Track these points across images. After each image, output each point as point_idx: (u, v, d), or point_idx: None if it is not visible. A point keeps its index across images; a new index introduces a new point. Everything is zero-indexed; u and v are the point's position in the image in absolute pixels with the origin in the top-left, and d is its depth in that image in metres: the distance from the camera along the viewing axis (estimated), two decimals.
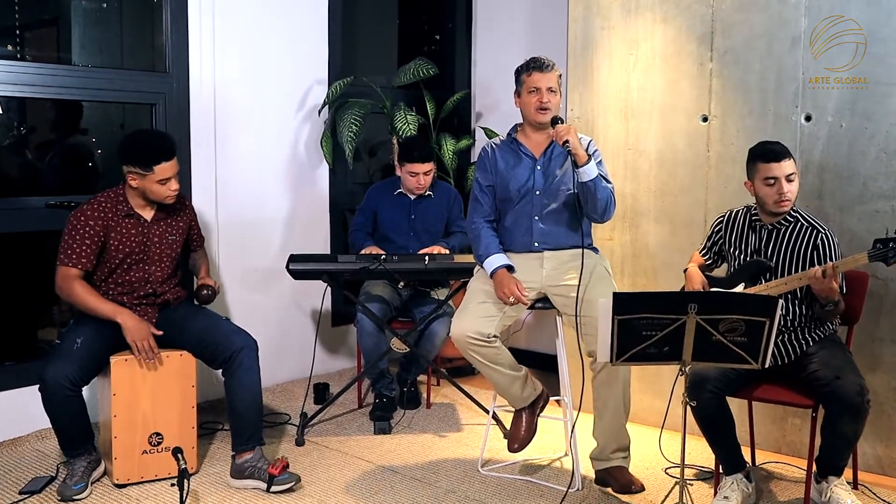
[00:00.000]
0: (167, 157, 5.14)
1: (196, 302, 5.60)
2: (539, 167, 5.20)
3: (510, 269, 5.12)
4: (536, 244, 5.19)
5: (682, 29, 5.98)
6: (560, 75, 5.17)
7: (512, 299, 5.01)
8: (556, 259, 5.18)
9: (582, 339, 5.01)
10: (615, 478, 5.10)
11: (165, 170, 5.13)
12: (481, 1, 8.47)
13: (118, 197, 5.25)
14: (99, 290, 5.25)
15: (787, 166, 4.76)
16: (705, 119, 5.92)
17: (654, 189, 6.19)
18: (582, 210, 5.09)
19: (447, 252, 6.32)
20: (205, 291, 5.57)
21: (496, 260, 5.14)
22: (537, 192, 5.19)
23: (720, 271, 5.26)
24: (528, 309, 5.26)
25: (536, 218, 5.20)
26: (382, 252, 6.24)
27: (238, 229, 6.90)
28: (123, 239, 5.23)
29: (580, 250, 5.08)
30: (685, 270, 5.26)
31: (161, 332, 5.26)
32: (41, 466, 5.49)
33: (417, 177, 6.49)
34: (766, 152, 4.83)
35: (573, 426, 5.19)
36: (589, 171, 4.91)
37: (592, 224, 5.30)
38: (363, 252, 6.34)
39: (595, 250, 5.34)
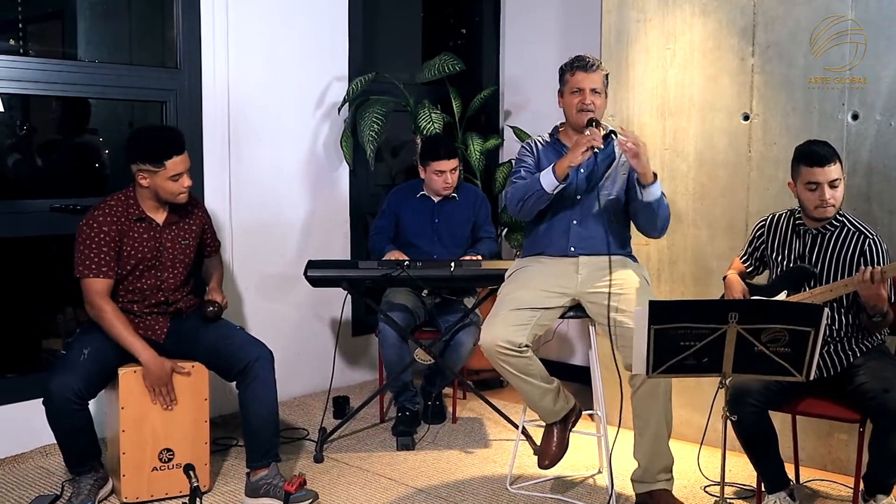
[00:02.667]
0: (178, 150, 5.14)
1: (201, 318, 5.51)
2: (581, 169, 5.20)
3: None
4: (573, 248, 5.20)
5: (723, 22, 5.99)
6: (607, 75, 5.19)
7: (597, 143, 4.91)
8: (592, 265, 5.18)
9: (617, 350, 5.01)
10: (658, 501, 5.08)
11: (177, 164, 5.13)
12: None
13: (128, 199, 5.24)
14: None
15: (831, 172, 4.74)
16: (746, 117, 5.93)
17: (692, 191, 6.21)
18: (629, 221, 5.15)
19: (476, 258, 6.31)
20: (210, 308, 5.46)
21: (546, 171, 5.09)
22: (578, 196, 5.21)
23: (761, 278, 5.27)
24: (560, 318, 5.28)
25: (575, 222, 5.21)
26: (405, 257, 6.26)
27: (253, 234, 6.93)
28: (136, 244, 5.22)
29: (619, 257, 5.12)
30: (724, 278, 5.26)
31: (187, 371, 5.26)
32: (45, 484, 5.50)
33: (444, 175, 6.50)
34: (810, 155, 4.80)
35: (614, 441, 5.18)
36: (654, 192, 4.96)
37: (631, 229, 5.34)
38: (385, 257, 6.34)
39: (633, 259, 5.37)
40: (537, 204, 5.10)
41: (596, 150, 4.91)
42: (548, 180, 5.00)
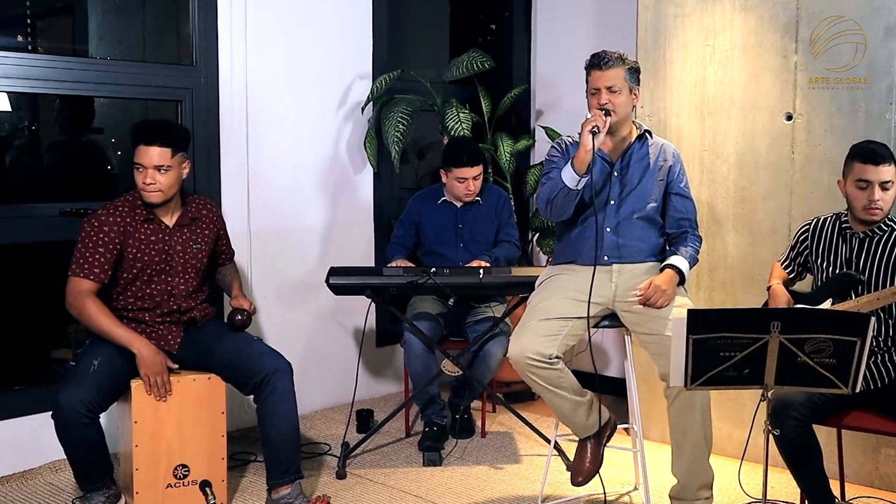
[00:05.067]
0: (146, 139, 5.13)
1: (230, 328, 5.53)
2: (616, 173, 5.21)
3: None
4: (606, 257, 5.17)
5: (765, 17, 6.01)
6: (630, 69, 5.10)
7: (595, 122, 4.91)
8: (627, 273, 5.17)
9: (653, 358, 5.04)
10: None
11: (140, 153, 5.12)
12: None
13: (136, 200, 5.26)
14: (117, 304, 5.26)
15: (884, 172, 4.74)
16: (790, 117, 5.94)
17: (732, 195, 6.22)
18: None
19: (488, 265, 6.28)
20: (239, 317, 5.49)
21: (566, 166, 5.06)
22: (612, 202, 5.20)
23: (804, 285, 5.27)
24: (594, 327, 5.27)
25: (608, 229, 5.19)
26: (410, 265, 6.29)
27: (272, 239, 6.96)
28: (142, 246, 5.23)
29: (657, 264, 5.15)
30: (769, 288, 5.25)
31: (177, 366, 5.25)
32: (54, 502, 5.53)
33: (466, 182, 6.50)
34: (865, 152, 4.80)
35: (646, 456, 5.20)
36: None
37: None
38: (389, 265, 6.36)
39: None
40: (565, 202, 5.06)
41: (595, 129, 4.87)
42: (568, 175, 4.97)
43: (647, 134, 5.24)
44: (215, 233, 5.60)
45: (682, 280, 5.07)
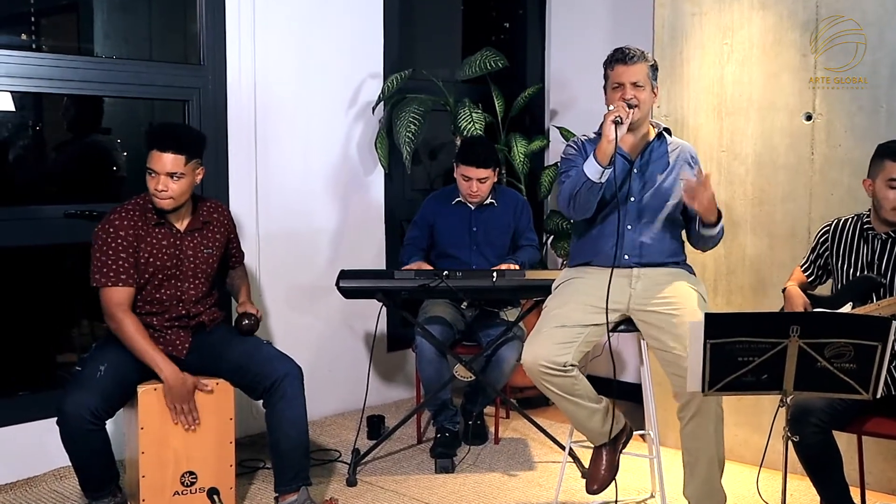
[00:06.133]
0: (160, 145, 5.10)
1: (238, 332, 5.54)
2: (636, 170, 5.19)
3: None
4: (627, 257, 5.14)
5: (783, 15, 6.01)
6: (652, 66, 5.12)
7: (618, 112, 4.89)
8: (648, 278, 5.15)
9: (667, 376, 5.03)
10: None
11: (152, 159, 5.09)
12: None
13: (147, 203, 5.25)
14: None
15: None
16: (809, 117, 5.94)
17: (751, 196, 6.22)
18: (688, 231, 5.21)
19: (517, 268, 6.29)
20: (246, 322, 5.51)
21: (588, 159, 5.01)
22: (632, 199, 5.18)
23: (824, 288, 5.27)
24: (612, 332, 5.26)
25: (629, 228, 5.16)
26: (429, 267, 6.29)
27: (282, 242, 6.97)
28: (154, 251, 5.22)
29: (675, 269, 5.14)
30: (784, 290, 5.26)
31: (209, 388, 5.26)
32: None
33: (470, 182, 6.49)
34: None
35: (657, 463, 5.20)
36: (715, 230, 5.05)
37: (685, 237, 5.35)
38: (406, 268, 6.37)
39: (690, 269, 5.32)
40: (588, 197, 5.00)
41: (618, 118, 4.84)
42: (591, 168, 4.91)
43: (665, 132, 5.24)
44: (226, 236, 5.60)
45: (719, 217, 5.01)
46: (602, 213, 5.19)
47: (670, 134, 5.26)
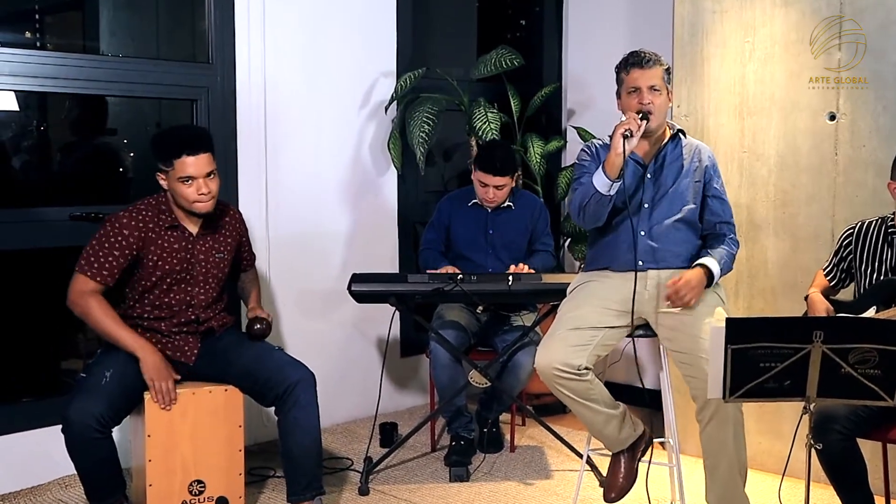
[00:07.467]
0: (189, 149, 5.06)
1: (249, 337, 5.53)
2: (649, 175, 5.20)
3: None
4: (641, 262, 5.13)
5: (806, 13, 6.00)
6: (666, 69, 5.14)
7: (629, 125, 4.90)
8: (663, 281, 5.14)
9: (685, 379, 5.04)
10: None
11: (186, 165, 5.04)
12: None
13: (160, 205, 5.24)
14: (132, 312, 5.25)
15: None
16: (833, 117, 5.93)
17: (773, 198, 6.21)
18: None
19: (533, 271, 6.27)
20: (257, 326, 5.50)
21: (597, 171, 5.04)
22: (646, 205, 5.19)
23: (847, 292, 5.26)
24: (627, 337, 5.27)
25: (643, 233, 5.17)
26: (457, 271, 6.25)
27: (292, 246, 6.98)
28: (164, 254, 5.20)
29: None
30: (806, 297, 5.25)
31: (179, 377, 5.22)
32: None
33: (487, 189, 6.48)
34: None
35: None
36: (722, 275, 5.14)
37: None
38: (434, 271, 6.33)
39: None
40: (598, 208, 5.04)
41: (627, 132, 4.85)
42: (600, 180, 4.94)
43: (680, 134, 5.24)
44: (237, 239, 5.59)
45: (709, 281, 5.05)
46: (616, 220, 5.20)
47: (685, 135, 5.26)
